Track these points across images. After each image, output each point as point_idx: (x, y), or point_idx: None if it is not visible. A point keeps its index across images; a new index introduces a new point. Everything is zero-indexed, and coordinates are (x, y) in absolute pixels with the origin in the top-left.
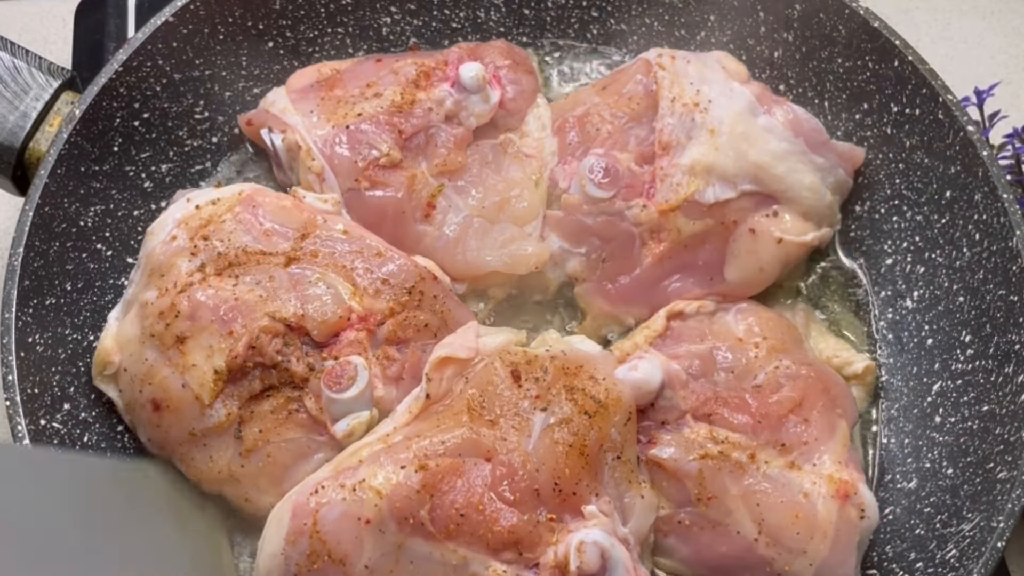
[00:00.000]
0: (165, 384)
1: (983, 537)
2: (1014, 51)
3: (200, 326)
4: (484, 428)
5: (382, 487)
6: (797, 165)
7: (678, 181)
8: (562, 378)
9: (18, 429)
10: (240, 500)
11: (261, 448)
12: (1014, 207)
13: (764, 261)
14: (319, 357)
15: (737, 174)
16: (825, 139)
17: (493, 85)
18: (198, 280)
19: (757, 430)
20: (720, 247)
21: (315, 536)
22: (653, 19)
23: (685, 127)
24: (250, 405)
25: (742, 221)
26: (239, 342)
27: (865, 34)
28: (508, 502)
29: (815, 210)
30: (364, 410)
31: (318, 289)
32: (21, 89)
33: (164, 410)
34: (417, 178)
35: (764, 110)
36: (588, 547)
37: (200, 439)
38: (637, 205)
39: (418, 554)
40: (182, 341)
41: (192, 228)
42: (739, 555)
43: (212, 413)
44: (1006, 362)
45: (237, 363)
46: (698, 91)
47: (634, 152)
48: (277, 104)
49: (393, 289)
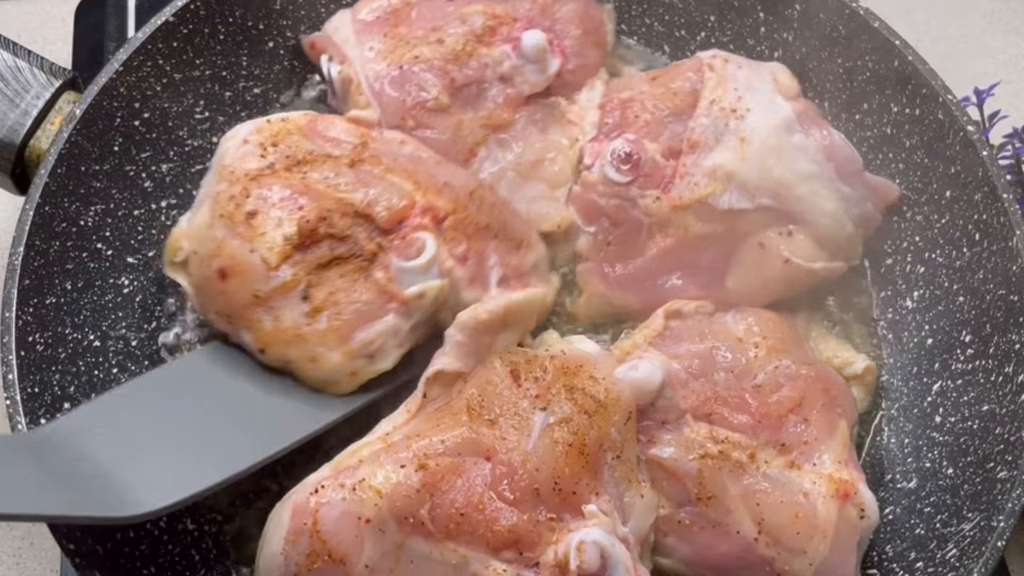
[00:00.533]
0: (233, 252)
1: (983, 537)
2: (1014, 51)
3: (270, 203)
4: (484, 427)
5: (382, 486)
6: (821, 189)
7: (697, 181)
8: (562, 378)
9: (18, 428)
10: (306, 361)
11: (329, 308)
12: (1014, 207)
13: (767, 277)
14: (387, 239)
15: (758, 187)
16: (858, 170)
17: (555, 53)
18: (268, 173)
19: (757, 430)
20: (726, 253)
21: (315, 536)
22: (653, 19)
23: (717, 130)
24: (318, 272)
25: (753, 233)
26: (310, 212)
27: (865, 34)
28: (508, 501)
29: (831, 239)
30: (435, 279)
31: (383, 183)
32: (22, 88)
33: (231, 276)
34: (463, 124)
35: (801, 129)
36: (588, 546)
37: (266, 301)
38: (651, 196)
39: (418, 553)
40: (252, 216)
41: (263, 135)
42: (739, 555)
43: (278, 275)
44: (1006, 362)
45: (308, 227)
46: (740, 98)
47: (664, 145)
48: (340, 32)
49: (454, 191)
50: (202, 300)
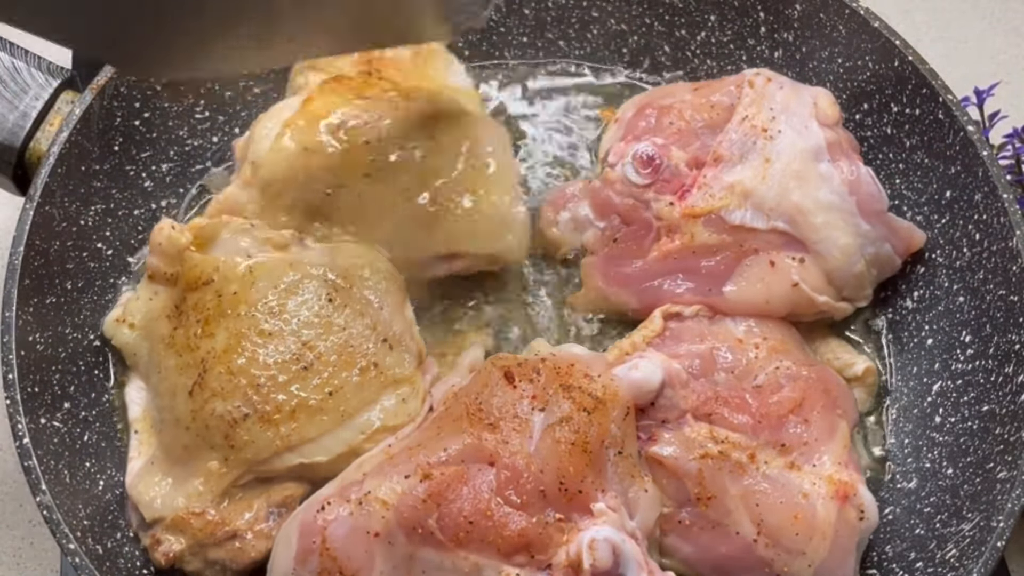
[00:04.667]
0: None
1: (983, 537)
2: (1014, 51)
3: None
4: (485, 432)
5: (388, 498)
6: (838, 222)
7: (713, 193)
8: (556, 378)
9: (18, 428)
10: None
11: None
12: (1014, 207)
13: (773, 294)
14: None
15: (774, 209)
16: (881, 209)
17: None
18: None
19: (757, 430)
20: (730, 263)
21: (325, 554)
22: (654, 19)
23: (744, 147)
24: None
25: (763, 251)
26: None
27: (865, 34)
28: (515, 506)
29: (840, 274)
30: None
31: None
32: (21, 89)
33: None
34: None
35: (830, 158)
36: (600, 544)
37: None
38: (665, 200)
39: (430, 564)
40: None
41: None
42: (738, 555)
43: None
44: (1006, 362)
45: None
46: (773, 118)
47: (691, 155)
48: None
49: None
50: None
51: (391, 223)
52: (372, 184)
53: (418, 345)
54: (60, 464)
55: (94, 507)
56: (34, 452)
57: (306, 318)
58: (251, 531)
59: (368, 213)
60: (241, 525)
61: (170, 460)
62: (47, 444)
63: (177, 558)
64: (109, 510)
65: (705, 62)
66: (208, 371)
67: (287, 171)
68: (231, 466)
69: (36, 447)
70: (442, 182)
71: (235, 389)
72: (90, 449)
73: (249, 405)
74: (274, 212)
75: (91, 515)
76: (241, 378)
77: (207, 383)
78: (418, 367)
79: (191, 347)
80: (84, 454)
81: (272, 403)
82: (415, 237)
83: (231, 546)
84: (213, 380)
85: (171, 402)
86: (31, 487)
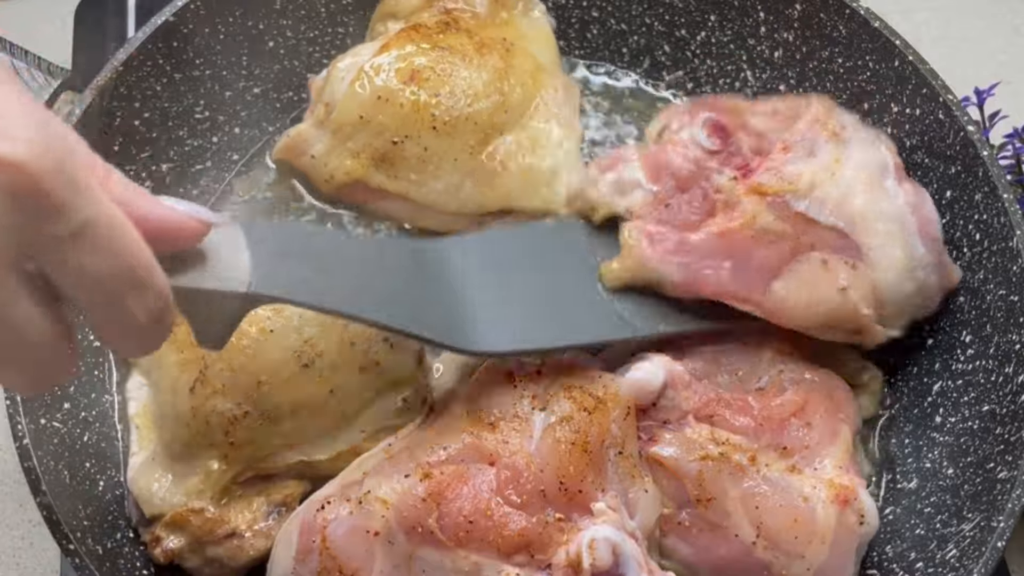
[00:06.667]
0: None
1: (983, 537)
2: (1014, 51)
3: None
4: (485, 431)
5: (387, 497)
6: (898, 235)
7: (783, 176)
8: (557, 377)
9: (18, 428)
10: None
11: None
12: (1014, 207)
13: (817, 297)
14: None
15: (835, 208)
16: (937, 237)
17: None
18: None
19: (759, 433)
20: (784, 257)
21: (325, 553)
22: (654, 19)
23: (814, 144)
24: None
25: (818, 249)
26: None
27: (865, 34)
28: (515, 505)
29: (887, 290)
30: None
31: None
32: None
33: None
34: None
35: (896, 178)
36: (600, 543)
37: None
38: (728, 174)
39: (430, 563)
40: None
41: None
42: (737, 558)
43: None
44: (1006, 362)
45: None
46: (844, 127)
47: (756, 144)
48: None
49: None
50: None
51: (452, 177)
52: (437, 137)
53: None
54: (60, 464)
55: (94, 507)
56: (34, 452)
57: (307, 316)
58: (250, 530)
59: (431, 165)
60: (240, 523)
61: (170, 456)
62: (47, 444)
63: (176, 555)
64: (109, 510)
65: (705, 62)
66: (209, 368)
67: (359, 116)
68: (231, 463)
69: (36, 447)
70: (506, 139)
71: (236, 386)
72: (90, 449)
73: (250, 402)
74: (341, 155)
75: (91, 515)
76: (242, 375)
77: (208, 380)
78: (419, 366)
79: (192, 343)
80: (84, 454)
81: (273, 401)
82: (473, 193)
83: (230, 544)
84: (214, 377)
85: (172, 399)
86: (31, 487)
